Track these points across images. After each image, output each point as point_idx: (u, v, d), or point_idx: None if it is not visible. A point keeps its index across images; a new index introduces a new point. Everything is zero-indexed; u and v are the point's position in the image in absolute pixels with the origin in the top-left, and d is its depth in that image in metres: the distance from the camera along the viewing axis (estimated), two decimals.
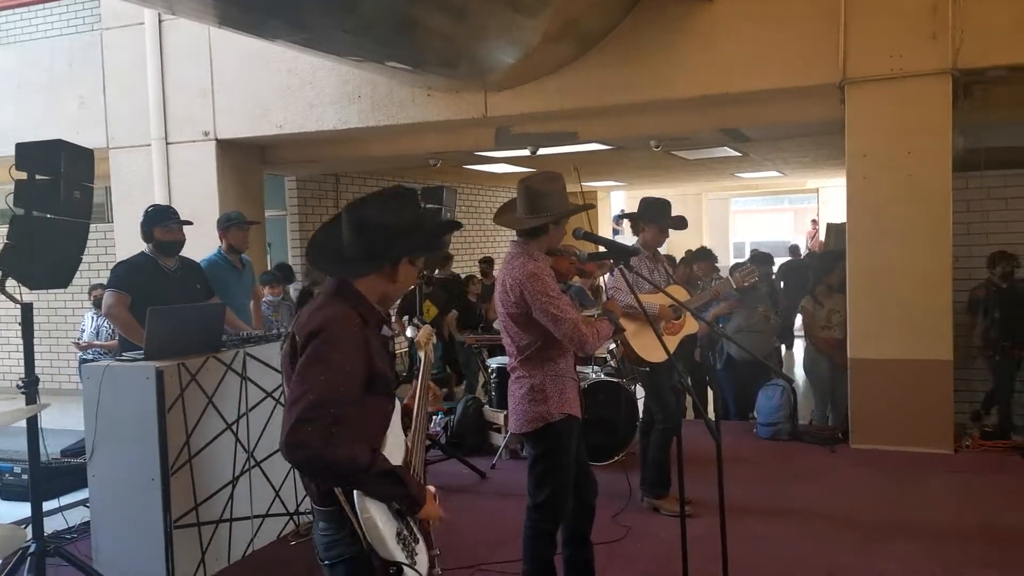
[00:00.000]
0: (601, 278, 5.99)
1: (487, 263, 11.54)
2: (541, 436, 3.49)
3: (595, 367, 6.58)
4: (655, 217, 5.03)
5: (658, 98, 6.86)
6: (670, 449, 5.03)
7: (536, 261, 3.45)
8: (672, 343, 4.95)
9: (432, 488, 2.49)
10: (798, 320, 8.41)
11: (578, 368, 6.36)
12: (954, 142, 6.13)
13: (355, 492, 2.14)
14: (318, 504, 2.24)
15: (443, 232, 2.85)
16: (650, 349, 4.73)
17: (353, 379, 2.13)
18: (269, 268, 9.15)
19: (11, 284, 3.81)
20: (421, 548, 2.28)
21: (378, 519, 2.14)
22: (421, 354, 2.66)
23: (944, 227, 6.11)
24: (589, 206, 4.42)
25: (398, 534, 2.19)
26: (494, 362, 6.90)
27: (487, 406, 6.83)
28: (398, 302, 8.67)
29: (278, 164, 9.32)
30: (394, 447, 2.31)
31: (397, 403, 2.42)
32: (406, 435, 2.43)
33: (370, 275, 2.28)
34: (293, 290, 9.07)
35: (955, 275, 6.35)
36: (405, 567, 2.15)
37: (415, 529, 2.29)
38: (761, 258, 8.29)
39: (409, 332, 3.00)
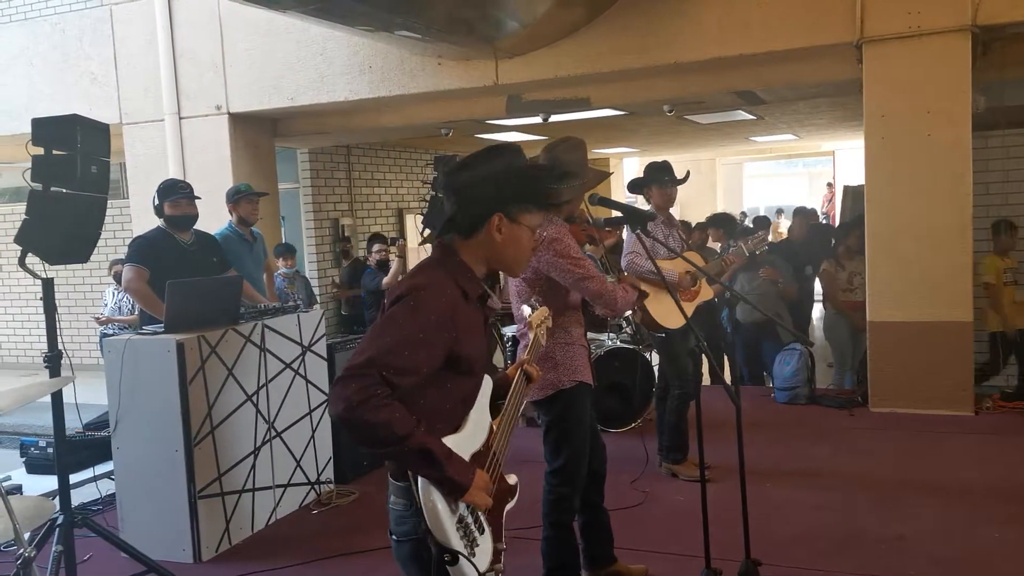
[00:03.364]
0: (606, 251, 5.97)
1: None
2: (552, 403, 3.51)
3: (611, 334, 6.58)
4: (656, 177, 5.05)
5: (671, 61, 6.77)
6: (687, 414, 5.04)
7: (555, 225, 3.44)
8: (688, 310, 4.94)
9: (513, 479, 2.33)
10: (817, 284, 8.38)
11: (594, 335, 6.34)
12: (973, 101, 6.03)
13: None
14: (393, 477, 2.15)
15: (541, 180, 2.38)
16: (668, 315, 4.73)
17: (425, 349, 2.01)
18: (283, 241, 9.19)
19: (32, 260, 3.83)
20: (486, 539, 2.13)
21: (438, 502, 2.01)
22: (531, 335, 2.55)
23: (964, 187, 6.04)
24: (609, 173, 4.40)
25: (460, 520, 2.05)
26: (509, 330, 6.90)
27: None
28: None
29: (290, 136, 9.30)
30: (477, 429, 2.20)
31: (489, 382, 2.29)
32: (494, 418, 2.29)
33: (472, 238, 2.19)
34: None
35: (974, 236, 6.28)
36: (461, 557, 1.99)
37: (482, 519, 2.13)
38: (763, 221, 8.33)
39: (525, 311, 2.84)
